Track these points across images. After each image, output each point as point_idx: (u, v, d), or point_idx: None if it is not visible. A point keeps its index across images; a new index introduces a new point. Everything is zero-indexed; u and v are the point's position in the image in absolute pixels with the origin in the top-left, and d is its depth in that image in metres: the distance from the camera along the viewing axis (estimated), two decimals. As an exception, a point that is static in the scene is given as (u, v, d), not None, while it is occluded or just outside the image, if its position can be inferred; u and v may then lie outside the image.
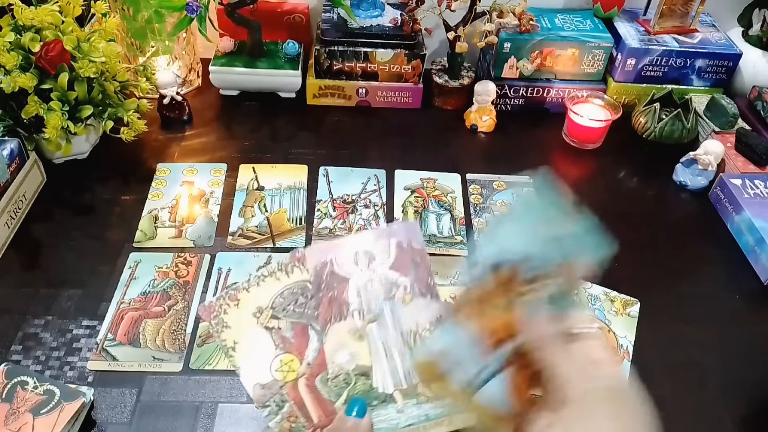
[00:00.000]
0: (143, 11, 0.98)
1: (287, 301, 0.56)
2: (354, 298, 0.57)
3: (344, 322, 0.56)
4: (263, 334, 0.55)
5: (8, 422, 0.59)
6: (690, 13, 1.10)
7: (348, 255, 0.58)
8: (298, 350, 0.55)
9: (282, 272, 0.57)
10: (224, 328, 0.54)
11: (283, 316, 0.55)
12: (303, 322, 0.55)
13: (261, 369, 0.53)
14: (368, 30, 1.04)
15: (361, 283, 0.57)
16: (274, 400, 0.53)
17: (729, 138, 1.00)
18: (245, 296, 0.56)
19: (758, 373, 0.73)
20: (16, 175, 0.83)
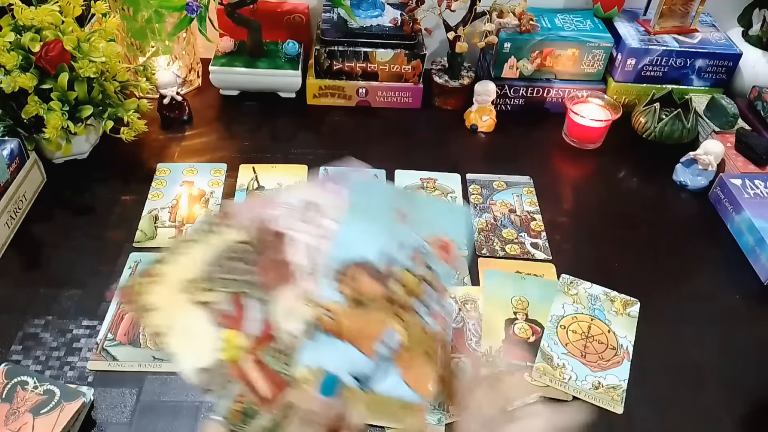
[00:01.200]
0: (143, 11, 0.98)
1: (223, 269, 0.48)
2: (302, 259, 0.49)
3: (293, 287, 0.48)
4: (197, 311, 0.47)
5: (8, 422, 0.59)
6: (690, 13, 1.10)
7: (289, 208, 0.50)
8: (240, 324, 0.47)
9: (212, 234, 0.49)
10: (149, 312, 0.46)
11: (219, 287, 0.48)
12: (243, 291, 0.48)
13: (200, 351, 0.46)
14: (368, 30, 1.04)
15: (309, 242, 0.49)
16: (219, 382, 0.46)
17: (729, 138, 1.00)
18: (171, 270, 0.48)
19: (758, 373, 0.73)
20: (16, 175, 0.83)
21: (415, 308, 0.47)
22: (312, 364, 0.45)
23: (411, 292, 0.47)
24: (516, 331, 0.75)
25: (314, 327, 0.46)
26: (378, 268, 0.46)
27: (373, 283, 0.46)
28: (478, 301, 0.78)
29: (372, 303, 0.46)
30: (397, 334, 0.46)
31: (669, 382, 0.71)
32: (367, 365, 0.45)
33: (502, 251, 0.85)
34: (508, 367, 0.52)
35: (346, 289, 0.46)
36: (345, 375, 0.45)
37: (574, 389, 0.69)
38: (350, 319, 0.46)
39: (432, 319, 0.47)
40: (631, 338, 0.75)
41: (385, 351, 0.46)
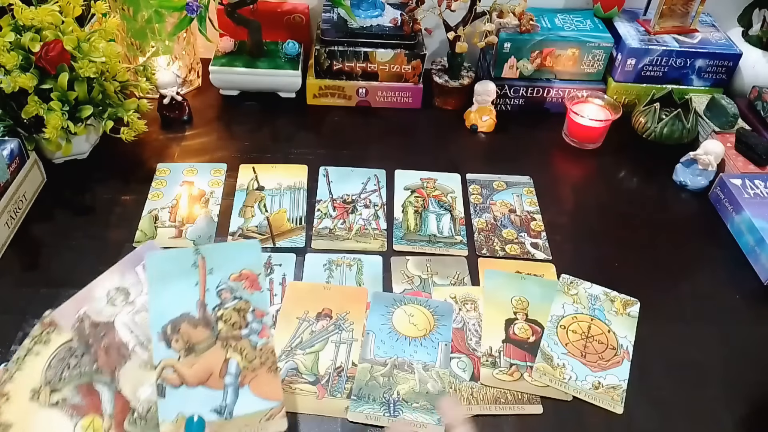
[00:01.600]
0: (143, 11, 0.98)
1: (58, 369, 0.54)
2: (128, 335, 0.56)
3: (130, 362, 0.55)
4: (51, 412, 0.52)
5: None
6: (690, 13, 1.10)
7: (101, 300, 0.57)
8: (93, 408, 0.53)
9: (39, 344, 0.56)
10: (7, 429, 0.51)
11: (62, 385, 0.54)
12: (86, 381, 0.54)
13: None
14: (368, 30, 1.04)
15: (128, 320, 0.57)
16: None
17: (729, 138, 1.00)
18: (13, 386, 0.53)
19: (758, 373, 0.73)
20: (16, 175, 0.83)
21: (242, 334, 0.55)
22: (172, 417, 0.51)
23: (233, 324, 0.55)
24: (516, 331, 0.75)
25: (162, 386, 0.52)
26: (195, 316, 0.54)
27: (196, 330, 0.54)
28: (478, 301, 0.78)
29: (203, 346, 0.54)
30: (234, 361, 0.54)
31: (669, 382, 0.71)
32: (221, 397, 0.53)
33: (502, 251, 0.85)
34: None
35: (177, 344, 0.53)
36: (206, 413, 0.52)
37: (574, 389, 0.69)
38: (190, 366, 0.53)
39: (258, 337, 0.55)
40: (631, 338, 0.75)
41: (230, 380, 0.53)
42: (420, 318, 0.75)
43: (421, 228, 0.87)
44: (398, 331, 0.73)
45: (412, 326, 0.74)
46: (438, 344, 0.72)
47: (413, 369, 0.70)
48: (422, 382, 0.69)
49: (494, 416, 0.67)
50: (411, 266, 0.82)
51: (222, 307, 0.56)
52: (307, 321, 0.74)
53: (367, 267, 0.81)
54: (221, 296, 0.56)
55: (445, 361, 0.71)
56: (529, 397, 0.68)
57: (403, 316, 0.75)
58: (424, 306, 0.76)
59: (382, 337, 0.72)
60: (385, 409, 0.66)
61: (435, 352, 0.72)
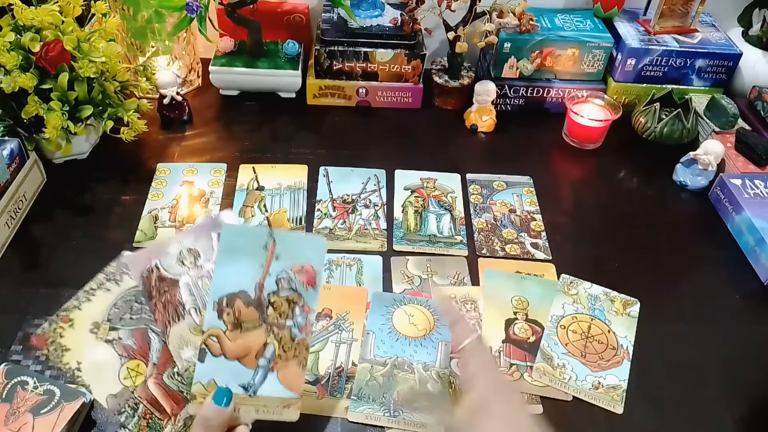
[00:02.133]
0: (143, 11, 0.98)
1: (122, 311, 0.58)
2: (187, 297, 0.59)
3: (183, 322, 0.58)
4: (105, 347, 0.56)
5: (8, 422, 0.59)
6: (690, 13, 1.10)
7: (172, 257, 0.60)
8: (142, 354, 0.57)
9: (111, 282, 0.59)
10: (64, 352, 0.55)
11: (121, 326, 0.57)
12: (142, 327, 0.57)
13: (110, 380, 0.56)
14: (368, 30, 1.04)
15: (191, 282, 0.59)
16: (128, 404, 0.56)
17: (729, 138, 1.00)
18: (78, 314, 0.57)
19: (758, 373, 0.73)
20: (16, 175, 0.83)
21: (285, 324, 0.57)
22: (205, 381, 0.55)
23: (281, 313, 0.57)
24: (516, 331, 0.75)
25: (204, 351, 0.55)
26: (251, 296, 0.56)
27: (248, 309, 0.56)
28: (478, 301, 0.78)
29: (249, 325, 0.56)
30: (272, 347, 0.57)
31: (669, 382, 0.71)
32: (251, 375, 0.56)
33: (502, 251, 0.85)
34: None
35: (227, 318, 0.56)
36: (234, 386, 0.55)
37: (574, 389, 0.69)
38: (233, 340, 0.56)
39: (299, 331, 0.58)
40: (631, 338, 0.75)
41: (264, 362, 0.56)
42: (420, 318, 0.75)
43: (421, 228, 0.87)
44: (398, 331, 0.73)
45: (412, 326, 0.74)
46: (438, 344, 0.72)
47: (413, 369, 0.70)
48: (422, 382, 0.69)
49: (494, 416, 0.67)
50: (411, 266, 0.82)
51: (276, 294, 0.57)
52: None
53: (367, 267, 0.81)
54: (279, 284, 0.57)
55: (445, 360, 0.71)
56: (529, 397, 0.68)
57: (403, 316, 0.75)
58: (424, 306, 0.76)
59: (382, 337, 0.72)
60: (385, 409, 0.66)
61: (435, 352, 0.72)
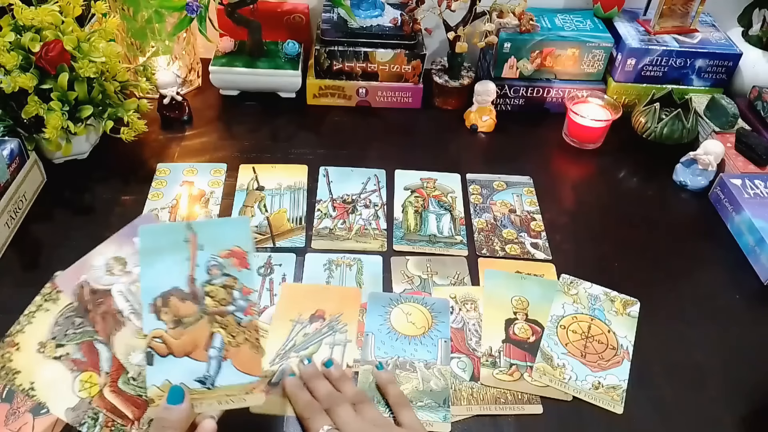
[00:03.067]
0: (143, 11, 0.98)
1: (65, 327, 0.58)
2: (123, 304, 0.59)
3: (125, 329, 0.58)
4: (54, 364, 0.56)
5: (8, 422, 0.59)
6: (690, 13, 1.10)
7: (100, 269, 0.60)
8: (92, 365, 0.57)
9: (49, 302, 0.59)
10: (15, 375, 0.56)
11: (66, 341, 0.57)
12: (87, 339, 0.58)
13: (65, 395, 0.56)
14: (368, 30, 1.04)
15: (124, 289, 0.60)
16: (88, 416, 0.56)
17: (729, 138, 1.00)
18: (23, 337, 0.57)
19: (758, 373, 0.73)
20: (16, 175, 0.83)
21: (228, 311, 0.57)
22: (159, 383, 0.55)
23: (219, 300, 0.57)
24: (516, 331, 0.75)
25: (151, 354, 0.55)
26: (184, 290, 0.56)
27: (185, 303, 0.56)
28: (478, 301, 0.78)
29: (190, 319, 0.56)
30: (219, 335, 0.56)
31: (669, 382, 0.71)
32: (204, 368, 0.55)
33: (502, 251, 0.85)
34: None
35: (166, 317, 0.56)
36: (190, 381, 0.55)
37: (574, 389, 0.69)
38: (177, 337, 0.56)
39: (243, 314, 0.57)
40: (631, 338, 0.75)
41: (214, 352, 0.56)
42: (418, 316, 0.75)
43: (421, 228, 0.87)
44: (397, 330, 0.73)
45: (411, 325, 0.74)
46: (437, 341, 0.72)
47: (415, 368, 0.70)
48: (425, 380, 0.69)
49: (494, 416, 0.67)
50: (411, 266, 0.82)
51: (210, 283, 0.57)
52: (300, 323, 0.73)
53: (367, 267, 0.81)
54: (210, 272, 0.57)
55: (446, 357, 0.71)
56: (529, 397, 0.68)
57: (400, 315, 0.75)
58: (421, 304, 0.76)
59: (382, 338, 0.72)
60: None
61: (435, 349, 0.72)
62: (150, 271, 0.57)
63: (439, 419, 0.65)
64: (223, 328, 0.56)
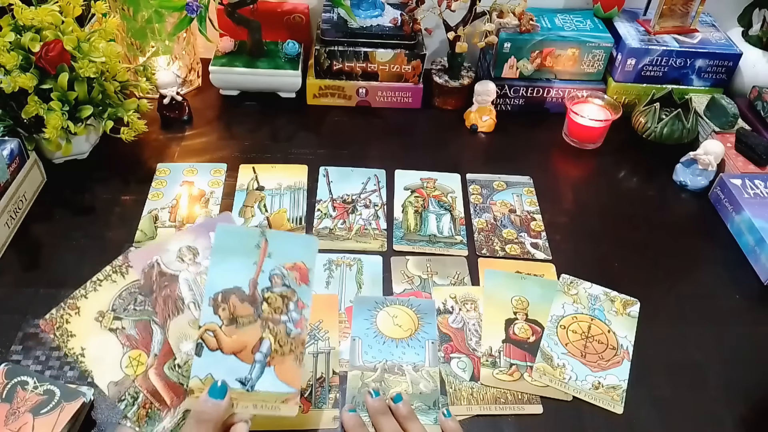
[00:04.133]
0: (143, 11, 0.98)
1: (126, 302, 0.60)
2: (186, 292, 0.61)
3: (182, 316, 0.60)
4: (108, 336, 0.58)
5: (8, 422, 0.59)
6: (690, 13, 1.10)
7: (172, 254, 0.62)
8: (143, 345, 0.59)
9: (117, 274, 0.61)
10: (69, 338, 0.57)
11: (124, 316, 0.59)
12: (144, 319, 0.60)
13: (112, 368, 0.57)
14: (368, 30, 1.04)
15: (190, 278, 0.61)
16: (128, 393, 0.57)
17: (729, 138, 1.00)
18: (84, 303, 0.59)
19: (758, 373, 0.73)
20: (16, 175, 0.83)
21: (281, 320, 0.59)
22: (202, 376, 0.56)
23: (275, 308, 0.59)
24: (516, 331, 0.75)
25: (201, 346, 0.57)
26: (245, 292, 0.58)
27: (243, 305, 0.58)
28: (478, 301, 0.78)
29: (245, 320, 0.58)
30: (268, 342, 0.58)
31: (669, 382, 0.71)
32: (248, 370, 0.57)
33: (502, 251, 0.85)
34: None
35: (223, 313, 0.57)
36: (231, 381, 0.56)
37: (574, 389, 0.69)
38: (229, 335, 0.57)
39: (294, 326, 0.59)
40: (631, 338, 0.75)
41: (260, 357, 0.57)
42: (404, 318, 0.75)
43: (421, 228, 0.87)
44: (384, 333, 0.73)
45: (397, 327, 0.74)
46: (425, 343, 0.72)
47: (404, 371, 0.70)
48: (414, 383, 0.68)
49: (494, 416, 0.67)
50: (411, 266, 0.82)
51: (270, 291, 0.59)
52: None
53: (367, 267, 0.81)
54: (272, 280, 0.59)
55: (434, 359, 0.71)
56: (529, 397, 0.69)
57: (386, 318, 0.75)
58: (406, 306, 0.76)
59: (369, 342, 0.72)
60: None
61: (423, 351, 0.72)
62: (218, 268, 0.58)
63: (431, 422, 0.65)
64: (273, 335, 0.58)
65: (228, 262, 0.59)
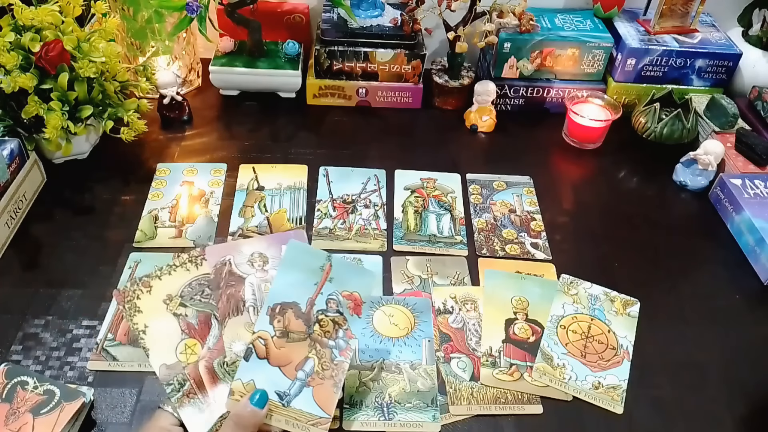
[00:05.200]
0: (143, 11, 0.98)
1: (194, 291, 0.62)
2: (249, 295, 0.63)
3: (240, 317, 0.62)
4: (171, 319, 0.61)
5: (8, 422, 0.59)
6: (690, 13, 1.10)
7: (245, 256, 0.64)
8: (201, 335, 0.61)
9: (192, 264, 0.64)
10: (136, 312, 0.60)
11: (190, 304, 0.62)
12: (207, 311, 0.62)
13: (167, 351, 0.59)
14: (368, 30, 1.04)
15: (255, 283, 0.64)
16: (176, 378, 0.59)
17: (729, 138, 1.00)
18: (157, 283, 0.62)
19: (758, 373, 0.73)
20: (16, 175, 0.83)
21: (328, 344, 0.60)
22: (245, 380, 0.57)
23: (325, 331, 0.60)
24: (516, 331, 0.75)
25: (250, 351, 0.58)
26: (302, 309, 0.60)
27: (297, 321, 0.60)
28: (478, 301, 0.78)
29: (296, 336, 0.60)
30: (312, 362, 0.59)
31: (669, 382, 0.72)
32: (288, 385, 0.58)
33: (502, 251, 0.85)
34: None
35: (277, 324, 0.59)
36: (270, 392, 0.57)
37: (574, 389, 0.69)
38: (278, 347, 0.59)
39: (339, 354, 0.60)
40: (631, 338, 0.75)
41: (302, 375, 0.59)
42: (400, 317, 0.75)
43: (421, 228, 0.87)
44: (380, 332, 0.73)
45: (394, 326, 0.74)
46: (421, 341, 0.72)
47: (401, 369, 0.70)
48: (412, 381, 0.68)
49: (494, 416, 0.67)
50: (411, 266, 0.82)
51: (324, 313, 0.61)
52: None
53: (368, 267, 0.81)
54: (328, 304, 0.62)
55: (431, 357, 0.71)
56: (529, 397, 0.69)
57: (383, 317, 0.75)
58: (402, 305, 0.76)
59: (366, 341, 0.72)
60: (379, 413, 0.65)
61: (420, 349, 0.72)
62: (283, 280, 0.61)
63: (429, 419, 0.65)
64: (318, 357, 0.60)
65: (292, 276, 0.61)
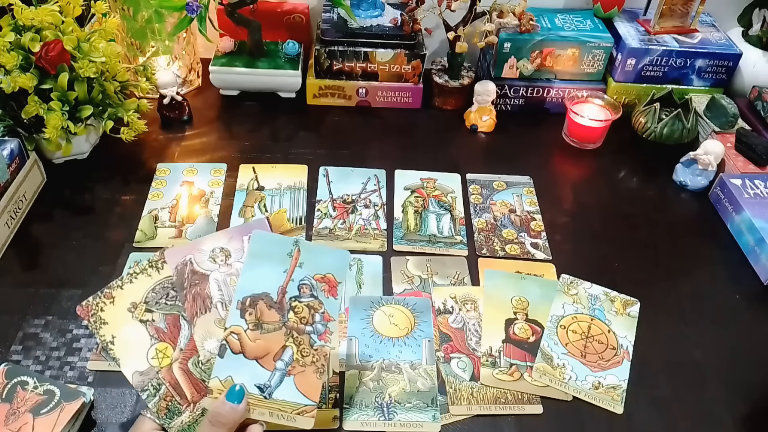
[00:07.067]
0: (143, 11, 0.98)
1: (159, 295, 0.61)
2: (215, 291, 0.62)
3: (209, 314, 0.61)
4: (138, 326, 0.59)
5: (8, 422, 0.59)
6: (690, 13, 1.10)
7: (205, 253, 0.63)
8: (171, 338, 0.60)
9: (153, 269, 0.62)
10: (102, 325, 0.59)
11: (155, 309, 0.61)
12: (174, 313, 0.61)
13: (138, 358, 0.58)
14: (368, 30, 1.04)
15: (220, 278, 0.63)
16: (151, 384, 0.58)
17: (729, 138, 1.00)
18: (120, 293, 0.60)
19: (758, 373, 0.73)
20: (16, 175, 0.83)
21: (306, 330, 0.59)
22: (222, 377, 0.57)
23: (301, 318, 0.59)
24: (516, 331, 0.75)
25: (224, 347, 0.58)
26: (273, 299, 0.59)
27: (270, 311, 0.59)
28: (478, 301, 0.78)
29: (270, 327, 0.59)
30: (290, 350, 0.58)
31: (669, 382, 0.72)
32: (267, 377, 0.57)
33: (502, 251, 0.85)
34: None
35: (249, 317, 0.59)
36: (250, 385, 0.56)
37: (574, 389, 0.69)
38: (253, 340, 0.58)
39: (318, 338, 0.59)
40: (631, 338, 0.75)
41: (282, 365, 0.58)
42: (400, 317, 0.75)
43: (421, 228, 0.87)
44: (380, 333, 0.73)
45: (394, 326, 0.74)
46: (421, 341, 0.72)
47: (401, 369, 0.70)
48: (412, 381, 0.68)
49: (494, 416, 0.67)
50: (411, 266, 0.82)
51: (298, 300, 0.60)
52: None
53: (367, 267, 0.81)
54: (301, 290, 0.61)
55: (431, 357, 0.71)
56: (529, 397, 0.69)
57: (383, 317, 0.75)
58: (402, 305, 0.76)
59: (366, 341, 0.72)
60: (379, 413, 0.65)
61: (420, 349, 0.72)
62: (250, 273, 0.60)
63: (429, 419, 0.65)
64: (296, 344, 0.59)
65: (260, 267, 0.60)
